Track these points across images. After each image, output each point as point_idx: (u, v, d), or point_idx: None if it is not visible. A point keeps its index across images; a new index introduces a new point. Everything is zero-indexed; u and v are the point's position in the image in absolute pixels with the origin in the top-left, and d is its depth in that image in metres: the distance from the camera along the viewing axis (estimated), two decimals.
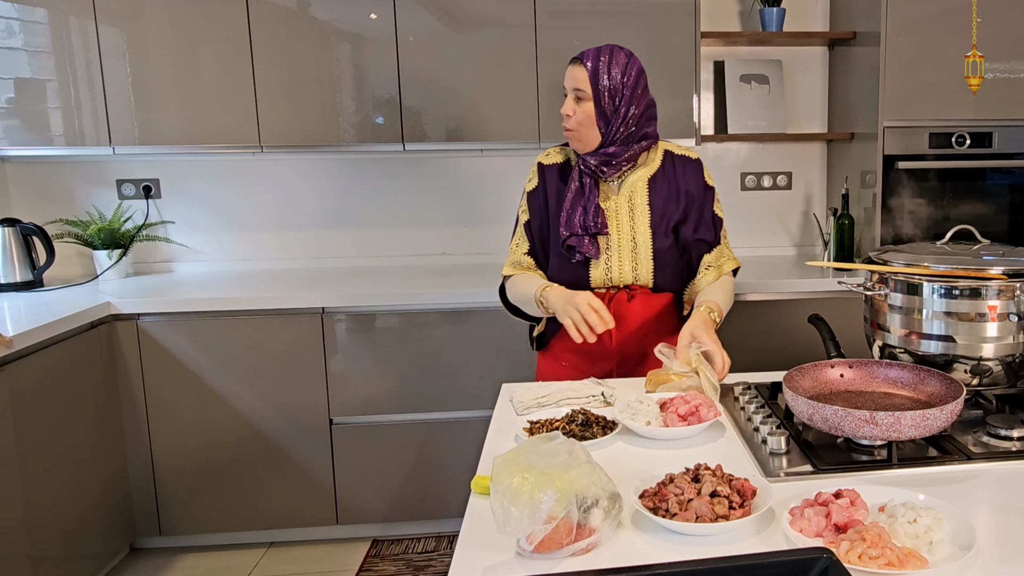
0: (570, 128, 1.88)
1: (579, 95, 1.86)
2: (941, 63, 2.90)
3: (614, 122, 1.87)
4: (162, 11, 2.86)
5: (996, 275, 1.56)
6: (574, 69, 1.87)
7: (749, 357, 2.62)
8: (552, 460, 1.11)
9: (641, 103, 1.89)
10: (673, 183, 1.94)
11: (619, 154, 1.89)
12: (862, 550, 1.02)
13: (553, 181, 1.96)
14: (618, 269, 1.91)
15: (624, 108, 1.87)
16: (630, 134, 1.89)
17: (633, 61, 1.89)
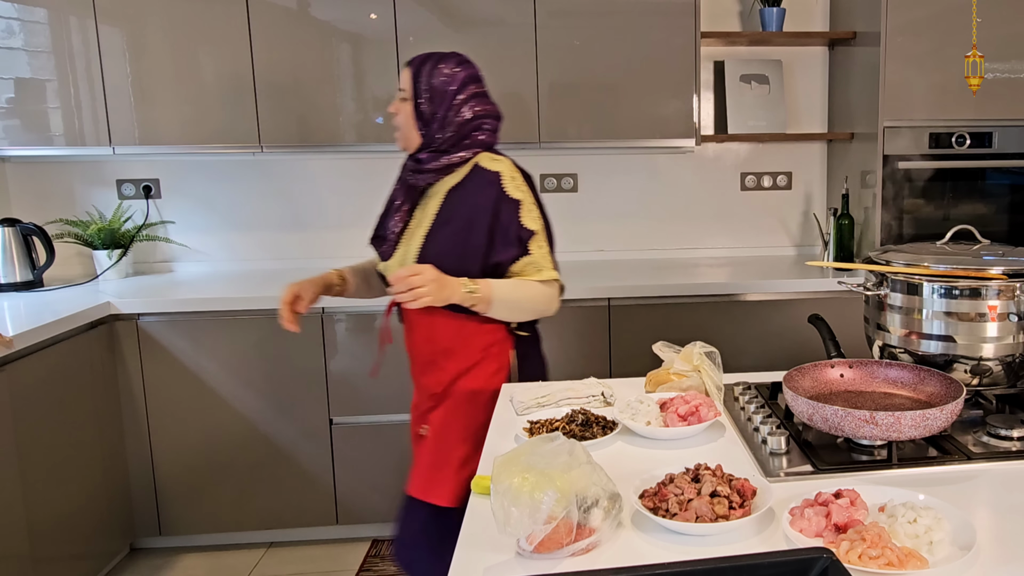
0: (396, 126, 1.86)
1: (403, 95, 1.83)
2: (941, 63, 2.90)
3: (432, 127, 1.81)
4: (162, 11, 2.86)
5: (996, 275, 1.56)
6: (404, 70, 1.85)
7: (749, 357, 2.62)
8: (552, 460, 1.11)
9: (465, 112, 1.82)
10: (468, 195, 1.83)
11: (428, 161, 1.83)
12: (862, 550, 1.02)
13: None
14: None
15: (443, 114, 1.81)
16: (449, 141, 1.82)
17: (463, 68, 1.83)
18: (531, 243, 1.84)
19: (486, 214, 1.80)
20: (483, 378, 1.87)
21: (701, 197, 3.44)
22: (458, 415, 1.86)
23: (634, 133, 3.04)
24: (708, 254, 3.47)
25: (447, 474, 1.82)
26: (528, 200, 1.85)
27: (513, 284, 1.82)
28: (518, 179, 1.86)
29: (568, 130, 3.02)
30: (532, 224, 1.85)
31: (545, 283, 1.87)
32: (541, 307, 1.89)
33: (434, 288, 1.67)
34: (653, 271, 3.12)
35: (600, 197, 3.40)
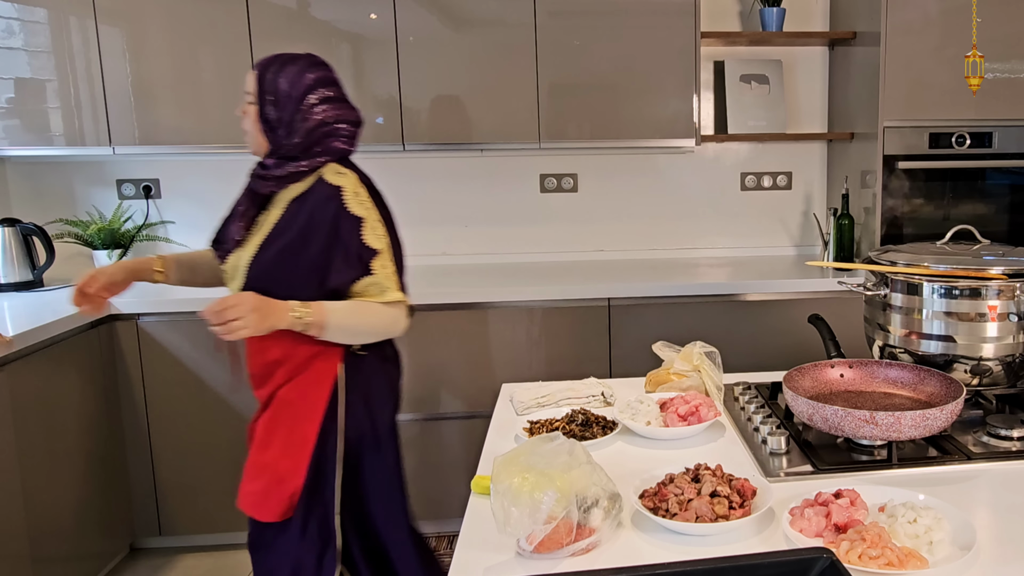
0: (244, 129, 1.77)
1: (248, 99, 1.73)
2: (941, 63, 2.90)
3: (279, 132, 1.72)
4: (162, 11, 2.86)
5: (996, 275, 1.56)
6: (250, 72, 1.76)
7: (749, 357, 2.62)
8: (552, 460, 1.12)
9: (315, 117, 1.74)
10: (308, 208, 1.73)
11: (273, 167, 1.75)
12: (862, 550, 1.02)
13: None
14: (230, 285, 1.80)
15: (289, 119, 1.72)
16: (297, 147, 1.74)
17: (313, 71, 1.75)
18: (373, 262, 1.73)
19: (324, 230, 1.70)
20: (302, 388, 1.75)
21: (701, 197, 3.44)
22: (278, 426, 1.76)
23: (634, 133, 3.04)
24: (708, 254, 3.47)
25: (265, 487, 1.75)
26: (372, 217, 1.74)
27: (351, 307, 1.70)
28: (362, 195, 1.76)
29: (568, 130, 3.02)
30: (375, 243, 1.73)
31: (389, 304, 1.75)
32: (382, 330, 1.77)
33: (254, 319, 1.56)
34: (653, 271, 3.12)
35: (600, 197, 3.40)
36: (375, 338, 1.79)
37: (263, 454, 1.77)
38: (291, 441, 1.74)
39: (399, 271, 1.82)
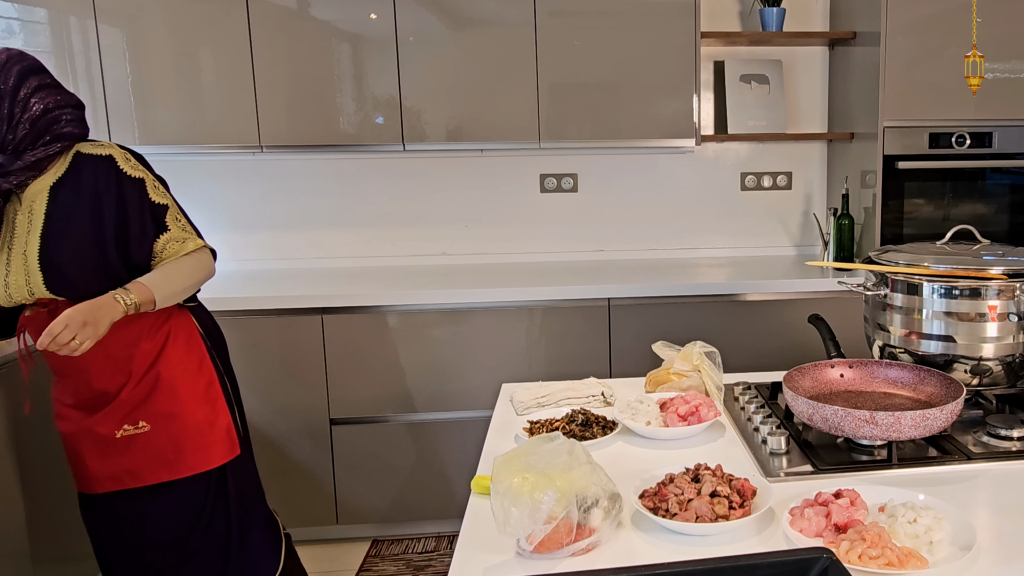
0: None
1: None
2: (941, 63, 2.90)
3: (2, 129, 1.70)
4: (162, 11, 2.86)
5: (996, 275, 1.56)
6: None
7: (749, 357, 2.62)
8: (552, 460, 1.12)
9: (34, 107, 1.73)
10: (82, 186, 1.77)
11: (9, 163, 1.72)
12: (862, 550, 1.02)
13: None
14: (15, 286, 1.77)
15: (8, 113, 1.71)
16: (26, 140, 1.73)
17: (15, 63, 1.73)
18: (167, 218, 1.85)
19: (111, 200, 1.77)
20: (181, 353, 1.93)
21: (701, 197, 3.44)
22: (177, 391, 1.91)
23: (634, 133, 3.04)
24: (708, 254, 3.47)
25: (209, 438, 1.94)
26: (149, 177, 1.85)
27: (167, 272, 1.83)
28: (132, 159, 1.84)
29: (568, 130, 3.02)
30: (161, 199, 1.85)
31: (195, 253, 1.89)
32: (201, 277, 1.92)
33: (90, 331, 1.66)
34: (653, 271, 3.12)
35: (600, 197, 3.40)
36: (196, 289, 1.95)
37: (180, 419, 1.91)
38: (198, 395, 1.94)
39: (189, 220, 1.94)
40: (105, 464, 1.91)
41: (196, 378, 1.96)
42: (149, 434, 1.90)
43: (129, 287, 1.75)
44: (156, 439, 1.91)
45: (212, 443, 1.96)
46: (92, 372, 1.86)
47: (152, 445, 1.91)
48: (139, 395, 1.89)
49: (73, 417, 1.92)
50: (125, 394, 1.88)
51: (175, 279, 1.84)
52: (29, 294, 1.77)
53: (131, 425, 1.89)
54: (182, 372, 1.93)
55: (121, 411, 1.89)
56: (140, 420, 1.89)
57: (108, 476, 1.92)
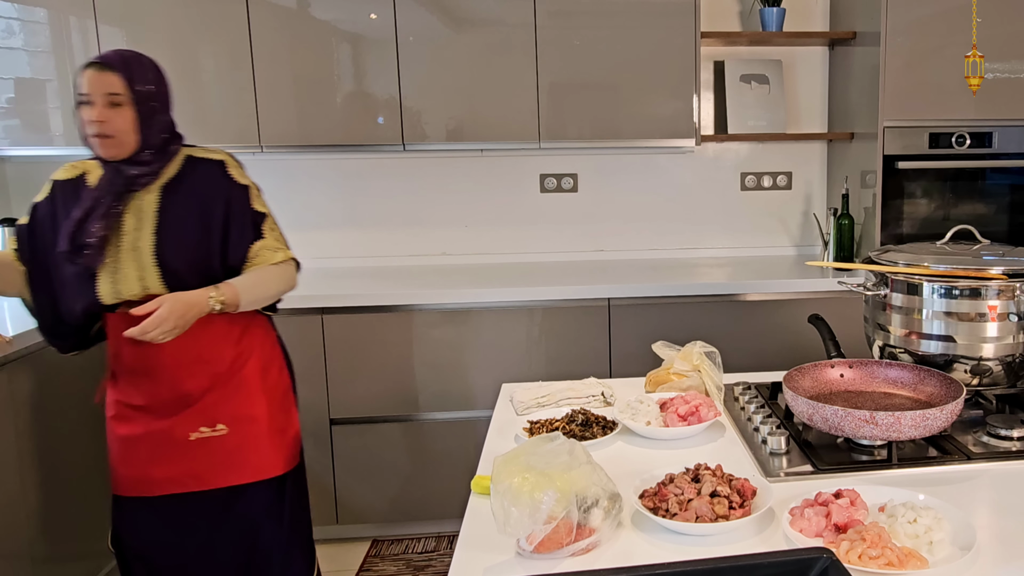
0: (107, 134, 1.77)
1: (115, 101, 1.77)
2: (941, 63, 2.90)
3: (153, 128, 1.82)
4: (162, 11, 2.86)
5: (996, 275, 1.56)
6: (102, 75, 1.78)
7: (749, 357, 2.62)
8: (552, 460, 1.12)
9: (171, 111, 1.89)
10: (193, 187, 1.86)
11: (155, 161, 1.82)
12: (862, 550, 1.02)
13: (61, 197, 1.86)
14: (124, 282, 1.81)
15: (162, 115, 1.85)
16: (164, 141, 1.85)
17: (161, 69, 1.91)
18: (264, 226, 1.90)
19: (219, 203, 1.84)
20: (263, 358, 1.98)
21: (701, 197, 3.44)
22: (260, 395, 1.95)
23: (634, 133, 3.04)
24: (708, 254, 3.47)
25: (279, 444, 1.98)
26: (253, 186, 1.92)
27: (255, 277, 1.86)
28: (239, 167, 1.92)
29: (568, 130, 3.02)
30: (262, 208, 1.91)
31: (282, 264, 1.91)
32: (284, 288, 1.93)
33: (181, 324, 1.71)
34: (653, 271, 3.12)
35: (600, 197, 3.40)
36: (277, 298, 1.96)
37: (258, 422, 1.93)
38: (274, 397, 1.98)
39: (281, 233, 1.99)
40: (168, 467, 1.88)
41: (276, 383, 2.00)
42: (224, 437, 1.90)
43: (220, 287, 1.78)
44: (229, 442, 1.90)
45: (281, 450, 1.98)
46: (181, 373, 1.87)
47: (223, 448, 1.90)
48: (223, 397, 1.90)
49: (140, 419, 1.89)
50: (210, 396, 1.89)
51: (261, 286, 1.87)
52: (142, 290, 1.80)
53: (208, 427, 1.89)
54: (264, 376, 1.96)
55: (202, 413, 1.89)
56: (219, 423, 1.90)
57: (168, 479, 1.89)
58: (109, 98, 1.77)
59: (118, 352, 1.87)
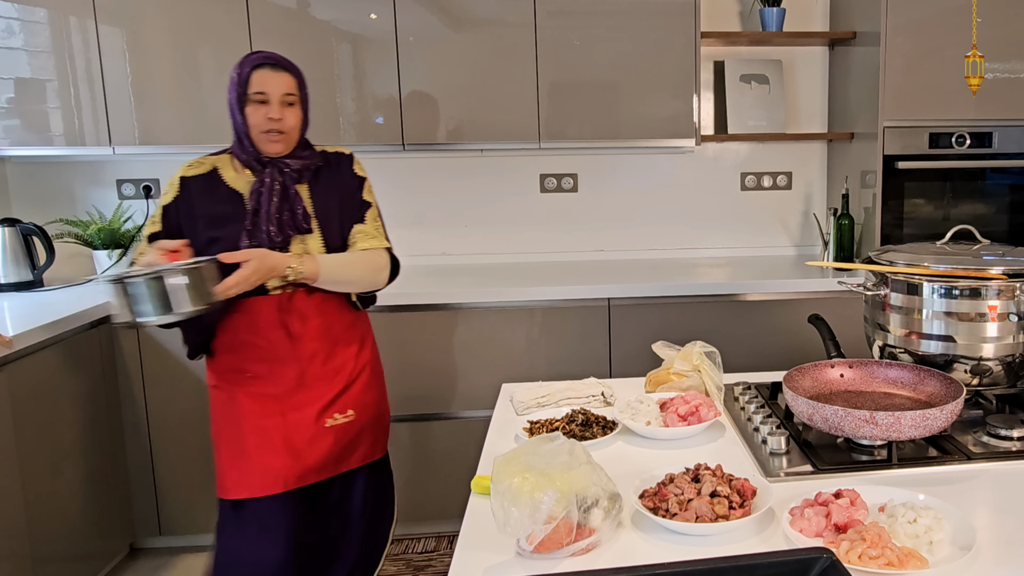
0: (283, 131, 1.87)
1: (290, 100, 1.88)
2: (941, 63, 2.90)
3: (307, 126, 1.97)
4: (162, 11, 2.86)
5: (996, 275, 1.56)
6: (278, 75, 1.86)
7: (749, 357, 2.62)
8: (552, 460, 1.12)
9: None
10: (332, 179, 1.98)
11: (310, 157, 1.95)
12: (862, 550, 1.02)
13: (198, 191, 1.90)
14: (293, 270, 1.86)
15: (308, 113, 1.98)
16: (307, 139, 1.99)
17: None
18: (367, 214, 1.99)
19: (347, 192, 1.98)
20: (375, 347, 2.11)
21: (701, 197, 3.44)
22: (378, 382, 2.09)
23: (634, 133, 3.04)
24: (708, 254, 3.47)
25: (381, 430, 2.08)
26: (367, 180, 2.05)
27: (341, 258, 1.92)
28: (360, 163, 2.07)
29: (568, 130, 3.02)
30: (369, 198, 2.02)
31: (372, 251, 1.96)
32: (369, 276, 1.96)
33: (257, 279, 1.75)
34: (653, 271, 3.12)
35: (600, 197, 3.40)
36: (360, 289, 1.99)
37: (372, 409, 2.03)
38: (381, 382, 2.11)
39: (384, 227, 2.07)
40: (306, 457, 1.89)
41: (381, 370, 2.13)
42: (350, 424, 1.96)
43: (304, 258, 1.83)
44: (352, 428, 1.97)
45: (383, 434, 2.09)
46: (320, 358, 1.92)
47: (348, 434, 1.96)
48: (357, 382, 1.98)
49: (274, 409, 1.89)
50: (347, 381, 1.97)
51: (345, 268, 1.91)
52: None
53: (340, 414, 1.95)
54: (378, 364, 2.10)
55: (341, 398, 1.95)
56: (349, 408, 1.96)
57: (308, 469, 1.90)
58: (285, 98, 1.86)
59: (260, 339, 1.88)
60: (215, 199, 1.87)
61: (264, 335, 1.87)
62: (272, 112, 1.84)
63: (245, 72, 1.85)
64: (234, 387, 1.92)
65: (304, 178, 1.92)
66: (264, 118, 1.84)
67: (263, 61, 1.86)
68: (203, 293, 1.66)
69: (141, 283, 1.62)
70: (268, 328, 1.87)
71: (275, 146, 1.87)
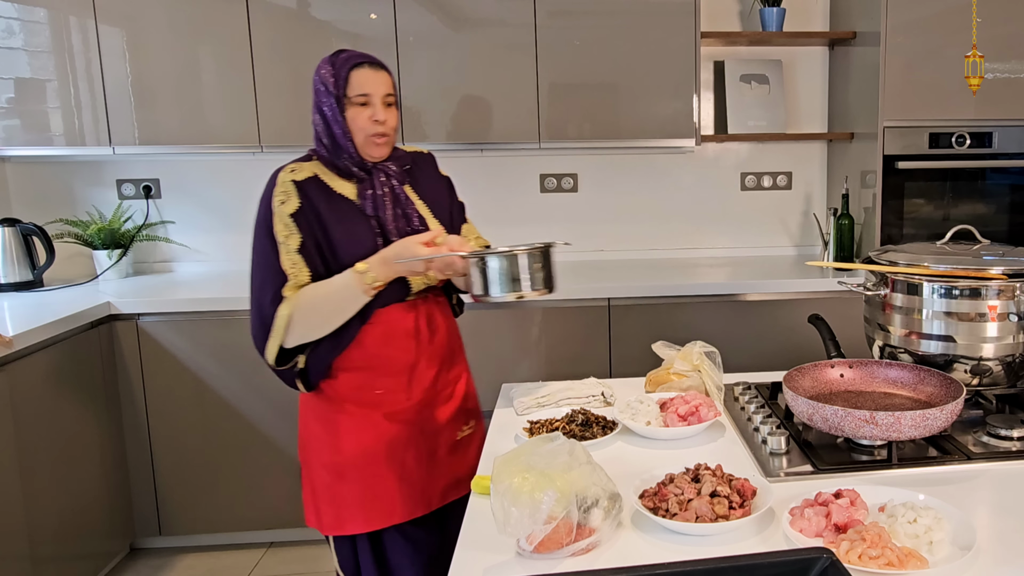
0: (387, 134, 1.74)
1: (390, 100, 1.75)
2: (941, 63, 2.90)
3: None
4: (162, 11, 2.86)
5: (996, 275, 1.56)
6: (378, 73, 1.72)
7: (749, 357, 2.62)
8: (552, 460, 1.11)
9: None
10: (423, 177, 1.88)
11: (404, 155, 1.84)
12: (862, 550, 1.02)
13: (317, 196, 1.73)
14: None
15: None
16: None
17: None
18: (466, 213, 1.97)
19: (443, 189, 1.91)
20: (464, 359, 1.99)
21: (701, 197, 3.44)
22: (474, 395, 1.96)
23: (634, 133, 3.04)
24: (708, 254, 3.47)
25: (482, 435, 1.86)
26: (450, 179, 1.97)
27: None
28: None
29: (568, 130, 3.02)
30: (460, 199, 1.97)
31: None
32: None
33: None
34: (653, 271, 3.12)
35: (600, 197, 3.40)
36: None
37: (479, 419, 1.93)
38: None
39: None
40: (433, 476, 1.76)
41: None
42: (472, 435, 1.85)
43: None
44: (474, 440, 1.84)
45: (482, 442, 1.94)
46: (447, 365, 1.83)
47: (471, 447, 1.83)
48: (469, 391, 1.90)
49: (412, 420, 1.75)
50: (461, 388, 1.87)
51: None
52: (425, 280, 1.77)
53: (467, 425, 1.86)
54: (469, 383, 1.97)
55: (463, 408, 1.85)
56: (471, 419, 1.88)
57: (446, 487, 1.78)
58: (386, 98, 1.73)
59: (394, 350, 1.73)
60: (332, 206, 1.72)
61: (398, 345, 1.73)
62: (377, 114, 1.70)
63: (343, 73, 1.70)
64: (362, 408, 1.73)
65: (406, 180, 1.82)
66: (369, 121, 1.70)
67: (361, 60, 1.72)
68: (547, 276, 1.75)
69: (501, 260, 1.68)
70: (402, 338, 1.73)
71: (381, 149, 1.74)
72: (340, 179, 1.75)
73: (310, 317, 1.65)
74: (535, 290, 1.69)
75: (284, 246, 1.67)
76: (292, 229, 1.68)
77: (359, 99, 1.69)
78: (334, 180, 1.75)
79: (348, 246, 1.69)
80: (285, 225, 1.68)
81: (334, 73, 1.71)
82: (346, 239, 1.69)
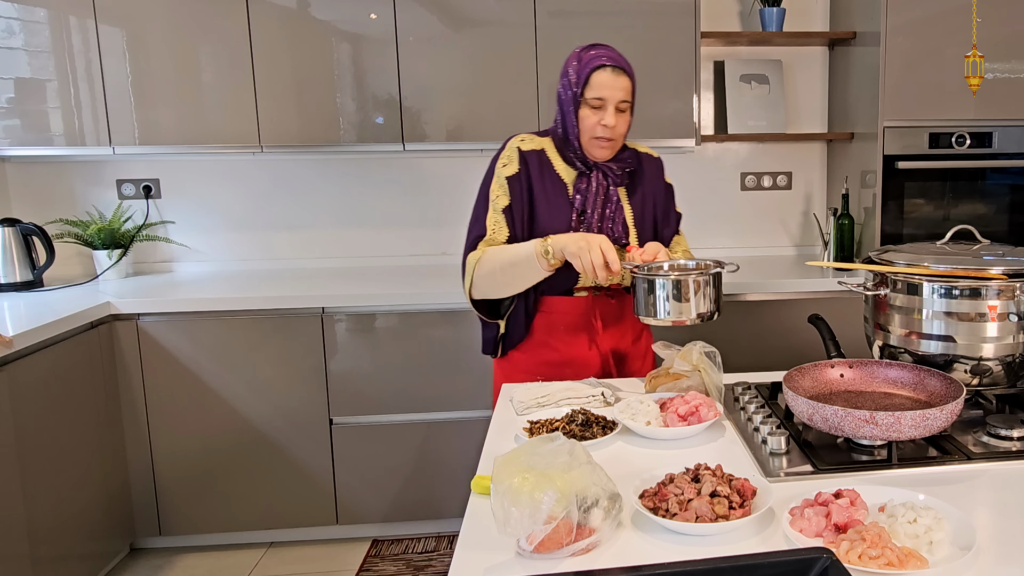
0: (612, 139, 1.80)
1: (622, 107, 1.79)
2: (941, 63, 2.90)
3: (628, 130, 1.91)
4: (162, 11, 2.86)
5: (996, 275, 1.56)
6: (618, 78, 1.77)
7: (749, 357, 2.62)
8: (552, 460, 1.11)
9: None
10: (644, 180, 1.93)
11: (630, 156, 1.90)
12: (862, 550, 1.02)
13: (535, 168, 1.85)
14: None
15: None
16: None
17: None
18: (679, 225, 2.01)
19: (660, 196, 1.94)
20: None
21: (701, 197, 3.44)
22: None
23: (634, 133, 3.02)
24: (708, 254, 3.46)
25: None
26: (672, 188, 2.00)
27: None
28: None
29: None
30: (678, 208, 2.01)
31: None
32: None
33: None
34: None
35: None
36: None
37: None
38: None
39: None
40: None
41: None
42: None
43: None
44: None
45: None
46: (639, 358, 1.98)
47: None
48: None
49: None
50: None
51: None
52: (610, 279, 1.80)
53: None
54: None
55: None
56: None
57: None
58: (620, 104, 1.79)
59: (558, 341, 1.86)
60: (545, 182, 1.83)
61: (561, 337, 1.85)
62: (607, 119, 1.77)
63: (585, 73, 1.77)
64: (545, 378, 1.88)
65: (623, 181, 1.87)
66: (597, 124, 1.77)
67: (605, 63, 1.77)
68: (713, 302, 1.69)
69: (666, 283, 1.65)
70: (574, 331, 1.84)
71: (603, 152, 1.81)
72: (564, 163, 1.84)
73: (492, 272, 1.80)
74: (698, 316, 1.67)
75: (493, 204, 1.85)
76: (504, 191, 1.85)
77: (594, 101, 1.77)
78: (558, 161, 1.85)
79: (547, 222, 1.80)
80: (500, 186, 1.85)
81: (578, 70, 1.79)
82: (547, 215, 1.81)
